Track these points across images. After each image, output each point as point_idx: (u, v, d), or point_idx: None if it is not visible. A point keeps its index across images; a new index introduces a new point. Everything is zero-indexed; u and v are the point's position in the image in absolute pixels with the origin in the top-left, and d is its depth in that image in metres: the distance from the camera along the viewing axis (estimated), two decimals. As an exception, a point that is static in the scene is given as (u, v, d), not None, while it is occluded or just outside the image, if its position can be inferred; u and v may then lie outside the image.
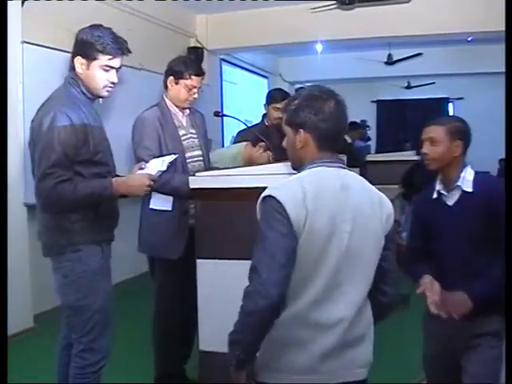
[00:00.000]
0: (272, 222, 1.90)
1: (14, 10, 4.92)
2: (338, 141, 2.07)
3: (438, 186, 2.79)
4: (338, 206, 1.94)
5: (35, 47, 5.22)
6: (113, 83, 2.85)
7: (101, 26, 2.83)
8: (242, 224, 2.91)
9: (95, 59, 2.76)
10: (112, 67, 2.81)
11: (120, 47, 2.81)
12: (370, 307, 2.08)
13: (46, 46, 5.33)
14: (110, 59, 2.78)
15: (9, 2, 4.75)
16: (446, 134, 2.72)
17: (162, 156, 3.33)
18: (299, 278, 1.91)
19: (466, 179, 2.70)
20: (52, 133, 2.61)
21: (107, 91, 2.86)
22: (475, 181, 2.70)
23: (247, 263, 2.88)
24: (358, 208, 1.97)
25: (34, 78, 5.12)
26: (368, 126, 11.17)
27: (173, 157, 3.20)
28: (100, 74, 2.79)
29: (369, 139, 10.22)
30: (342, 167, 2.05)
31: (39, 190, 2.65)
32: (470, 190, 2.68)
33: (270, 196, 1.91)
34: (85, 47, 2.75)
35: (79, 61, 2.77)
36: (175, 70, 3.60)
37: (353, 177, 2.07)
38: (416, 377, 3.76)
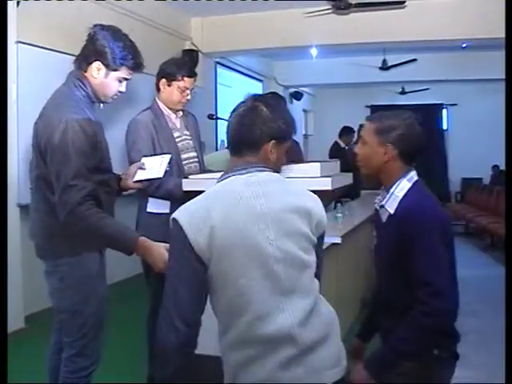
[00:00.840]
0: (174, 249, 1.87)
1: (9, 9, 4.91)
2: (239, 144, 1.98)
3: (378, 197, 2.41)
4: (252, 214, 1.85)
5: (30, 47, 5.22)
6: (120, 92, 2.84)
7: (120, 31, 2.77)
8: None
9: (116, 70, 2.73)
10: (127, 79, 2.81)
11: (140, 63, 2.80)
12: (327, 307, 2.02)
13: (41, 46, 5.33)
14: (129, 73, 2.78)
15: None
16: (375, 134, 2.28)
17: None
18: (231, 298, 1.84)
19: (395, 195, 2.27)
20: (66, 143, 2.52)
21: (112, 99, 2.85)
22: (402, 200, 2.25)
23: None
24: (279, 213, 1.89)
25: (29, 78, 5.12)
26: None
27: (168, 157, 3.18)
28: (115, 84, 2.77)
29: None
30: (258, 171, 1.95)
31: (62, 204, 2.54)
32: (391, 211, 2.27)
33: (173, 219, 1.85)
34: (108, 55, 2.69)
35: (98, 66, 2.71)
36: (167, 72, 3.58)
37: (273, 181, 1.97)
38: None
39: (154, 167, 3.08)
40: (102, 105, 2.89)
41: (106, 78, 2.73)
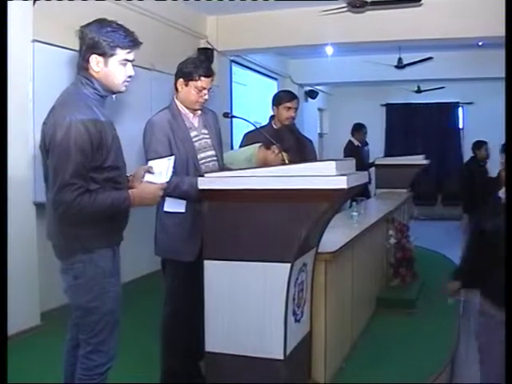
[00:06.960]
0: None
1: (25, 8, 4.95)
2: None
3: None
4: None
5: (46, 46, 5.24)
6: (129, 76, 2.83)
7: (105, 20, 2.78)
8: (248, 225, 2.91)
9: (113, 55, 2.73)
10: (129, 60, 2.80)
11: (134, 39, 2.79)
12: None
13: (57, 45, 5.35)
14: (127, 53, 2.77)
15: (21, 1, 4.80)
16: None
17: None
18: None
19: None
20: (68, 142, 2.55)
21: (125, 86, 2.85)
22: None
23: (253, 265, 2.92)
24: None
25: (45, 76, 5.14)
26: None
27: (173, 158, 3.13)
28: (119, 69, 2.77)
29: (366, 143, 9.99)
30: None
31: (58, 202, 2.59)
32: None
33: None
34: (100, 45, 2.70)
35: (95, 59, 2.72)
36: (184, 72, 3.56)
37: None
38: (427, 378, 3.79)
39: (162, 171, 3.02)
40: (114, 97, 2.90)
41: (106, 66, 2.74)
